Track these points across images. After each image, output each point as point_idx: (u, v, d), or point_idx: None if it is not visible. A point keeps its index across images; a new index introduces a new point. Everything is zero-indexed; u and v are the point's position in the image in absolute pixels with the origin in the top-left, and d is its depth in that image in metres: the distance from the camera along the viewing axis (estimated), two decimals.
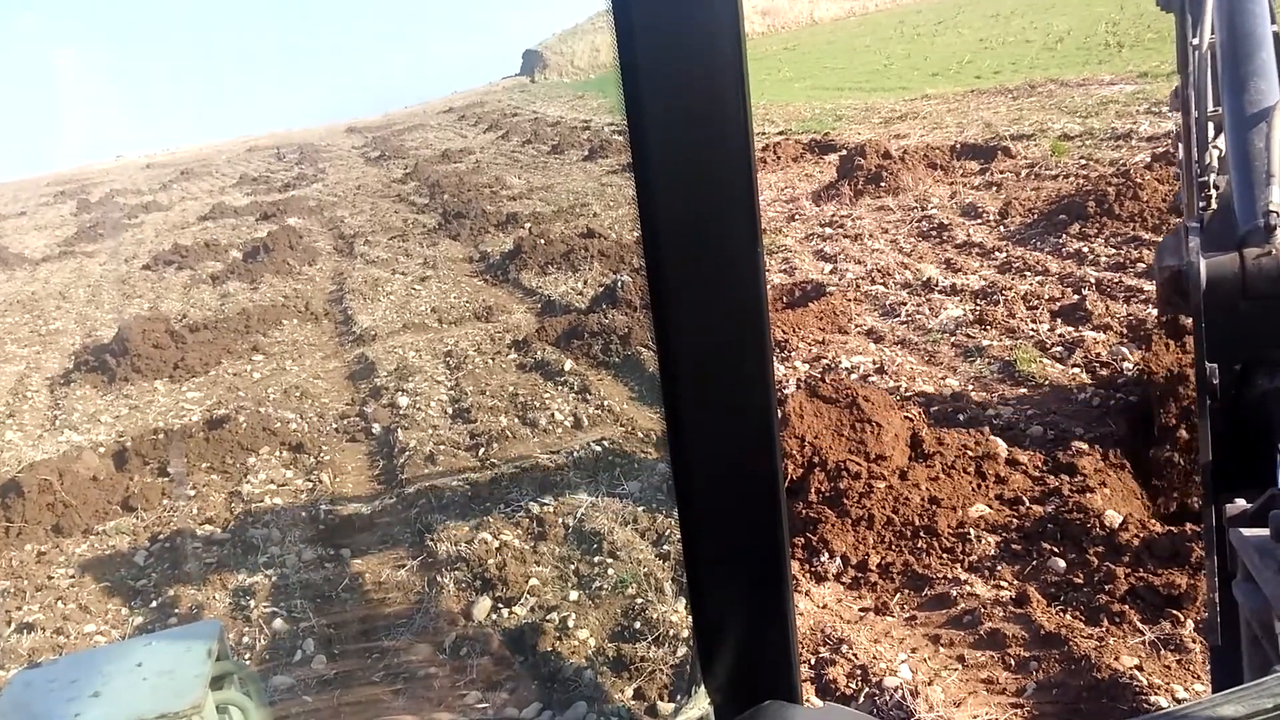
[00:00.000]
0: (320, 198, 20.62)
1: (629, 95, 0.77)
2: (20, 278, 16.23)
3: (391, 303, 10.88)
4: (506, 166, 20.64)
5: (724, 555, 0.91)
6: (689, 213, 0.81)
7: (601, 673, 4.11)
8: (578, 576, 4.83)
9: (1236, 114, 2.10)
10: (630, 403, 6.89)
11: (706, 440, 0.88)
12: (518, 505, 5.60)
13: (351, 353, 9.27)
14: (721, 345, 0.84)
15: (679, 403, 0.85)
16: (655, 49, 0.77)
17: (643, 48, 0.76)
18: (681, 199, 0.80)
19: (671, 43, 0.77)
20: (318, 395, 8.16)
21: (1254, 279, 1.82)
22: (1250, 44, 2.19)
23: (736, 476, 0.89)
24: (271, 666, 4.52)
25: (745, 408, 0.87)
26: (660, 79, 0.77)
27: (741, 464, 0.88)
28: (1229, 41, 2.21)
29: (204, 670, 1.73)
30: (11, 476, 6.70)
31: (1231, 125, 2.10)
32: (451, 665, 4.30)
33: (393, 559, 5.39)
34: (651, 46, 0.77)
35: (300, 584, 5.18)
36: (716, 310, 0.83)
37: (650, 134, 0.78)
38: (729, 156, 0.79)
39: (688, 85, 0.78)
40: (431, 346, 9.03)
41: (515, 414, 7.00)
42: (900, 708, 3.52)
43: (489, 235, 13.62)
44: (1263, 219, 1.87)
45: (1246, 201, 1.96)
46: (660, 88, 0.78)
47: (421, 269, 12.31)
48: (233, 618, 4.94)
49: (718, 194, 0.81)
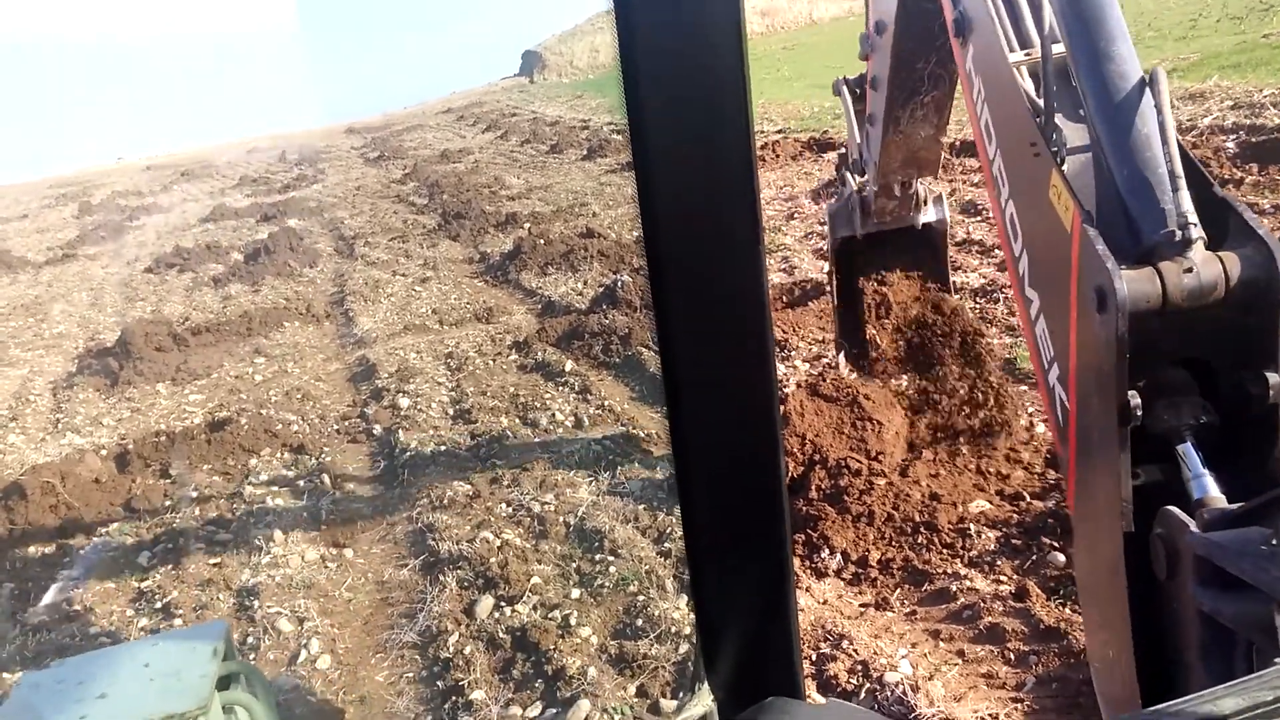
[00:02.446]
0: (320, 199, 20.62)
1: (629, 95, 0.77)
2: (23, 280, 16.23)
3: (392, 304, 10.89)
4: (506, 166, 20.62)
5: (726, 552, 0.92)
6: (690, 212, 0.81)
7: (604, 670, 4.11)
8: (580, 574, 4.84)
9: (1109, 114, 1.87)
10: (631, 402, 6.90)
11: (709, 438, 0.88)
12: (519, 504, 5.61)
13: (352, 354, 9.27)
14: (723, 344, 0.85)
15: (681, 401, 0.86)
16: (655, 49, 0.77)
17: (643, 48, 0.77)
18: (682, 198, 0.81)
19: (671, 43, 0.77)
20: (319, 397, 8.17)
21: (1174, 297, 1.67)
22: (1107, 30, 1.93)
23: (739, 474, 0.89)
24: (276, 667, 4.53)
25: (747, 406, 0.87)
26: (660, 79, 0.78)
27: (743, 462, 0.89)
28: (1081, 32, 1.94)
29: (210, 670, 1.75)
30: (14, 479, 6.71)
31: (1110, 127, 1.87)
32: (454, 664, 4.31)
33: (395, 558, 5.39)
34: (652, 46, 0.77)
35: (303, 583, 5.19)
36: (718, 309, 0.84)
37: (651, 133, 0.79)
38: (729, 155, 0.80)
39: (688, 85, 0.78)
40: (432, 348, 9.03)
41: (516, 414, 7.00)
42: (901, 703, 3.53)
43: (489, 236, 13.61)
44: (1179, 231, 1.73)
45: (1150, 209, 1.78)
46: (660, 87, 0.78)
47: (422, 270, 12.31)
48: (238, 618, 4.94)
49: (718, 193, 0.81)
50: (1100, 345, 1.70)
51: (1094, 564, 1.90)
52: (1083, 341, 1.80)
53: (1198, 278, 1.70)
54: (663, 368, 0.84)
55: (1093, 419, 1.80)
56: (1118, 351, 1.66)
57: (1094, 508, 1.85)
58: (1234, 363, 1.77)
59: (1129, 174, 1.83)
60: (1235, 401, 1.77)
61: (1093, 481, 1.84)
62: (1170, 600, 1.66)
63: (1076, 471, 1.94)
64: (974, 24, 2.36)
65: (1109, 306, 1.65)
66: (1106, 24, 1.93)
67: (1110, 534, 1.75)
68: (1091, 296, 1.69)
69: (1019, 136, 2.08)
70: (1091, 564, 1.92)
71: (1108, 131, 1.87)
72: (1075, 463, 1.94)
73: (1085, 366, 1.81)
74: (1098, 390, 1.75)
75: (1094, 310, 1.70)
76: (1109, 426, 1.71)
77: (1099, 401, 1.75)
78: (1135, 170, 1.82)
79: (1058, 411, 1.97)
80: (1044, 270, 2.02)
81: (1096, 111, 1.90)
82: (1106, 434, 1.73)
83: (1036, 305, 2.05)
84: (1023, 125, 2.05)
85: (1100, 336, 1.69)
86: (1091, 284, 1.70)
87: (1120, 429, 1.69)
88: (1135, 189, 1.81)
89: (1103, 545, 1.80)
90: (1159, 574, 1.67)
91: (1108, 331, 1.67)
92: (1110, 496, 1.73)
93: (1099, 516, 1.82)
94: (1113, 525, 1.74)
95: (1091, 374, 1.78)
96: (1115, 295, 1.63)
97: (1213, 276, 1.71)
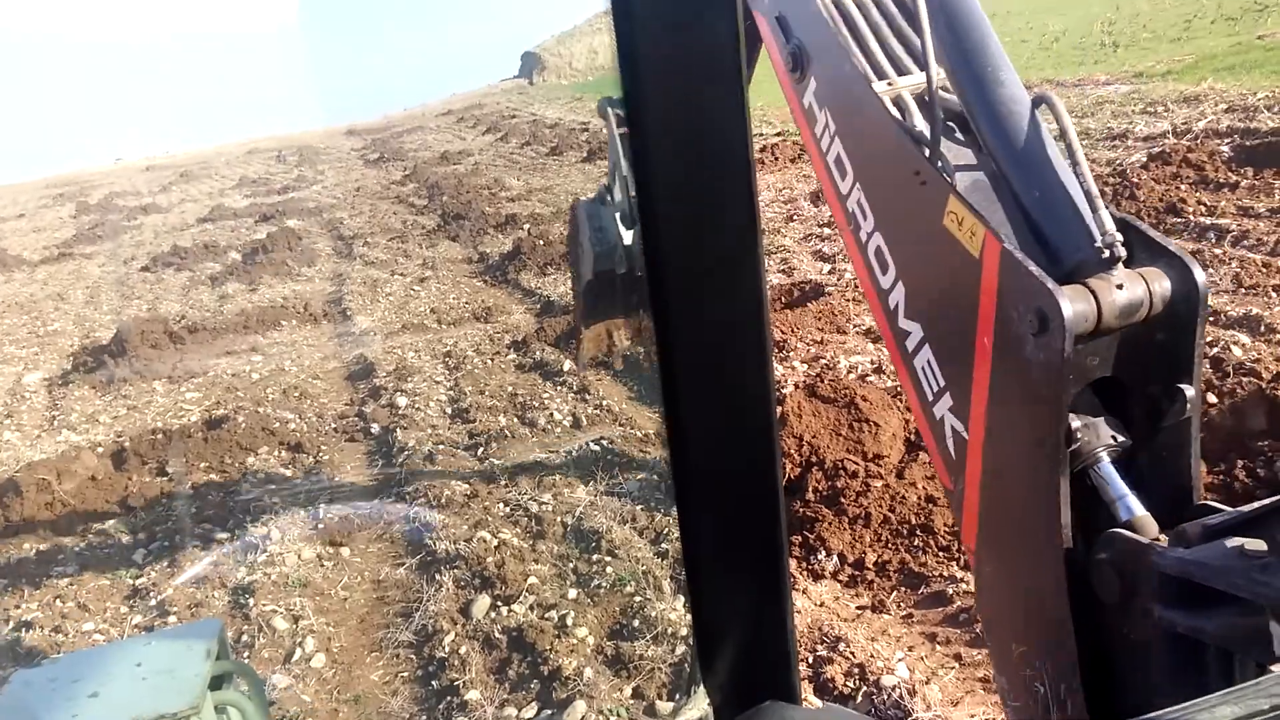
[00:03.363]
0: (319, 199, 20.60)
1: (629, 96, 0.77)
2: (19, 279, 16.21)
3: (390, 303, 10.88)
4: (505, 168, 20.63)
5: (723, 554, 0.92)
6: (688, 213, 0.81)
7: (600, 671, 4.11)
8: (576, 575, 4.83)
9: (1012, 138, 1.84)
10: (629, 402, 6.90)
11: (706, 439, 0.88)
12: (516, 504, 5.61)
13: (350, 353, 9.26)
14: (721, 345, 0.85)
15: (678, 402, 0.86)
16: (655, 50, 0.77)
17: (642, 48, 0.77)
18: (681, 199, 0.81)
19: (671, 43, 0.77)
20: (316, 395, 8.16)
21: (1107, 315, 1.65)
22: (992, 57, 1.93)
23: (735, 475, 0.89)
24: (271, 664, 4.52)
25: (744, 407, 0.87)
26: (660, 80, 0.78)
27: (740, 463, 0.89)
28: (967, 59, 1.92)
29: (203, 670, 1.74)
30: (10, 476, 6.69)
31: (1013, 151, 1.84)
32: (450, 663, 4.30)
33: (391, 557, 5.39)
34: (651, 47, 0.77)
35: (299, 582, 5.18)
36: (716, 310, 0.83)
37: (649, 135, 0.79)
38: (728, 157, 0.80)
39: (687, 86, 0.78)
40: (430, 347, 9.03)
41: (514, 414, 7.00)
42: (898, 707, 3.53)
43: (488, 236, 13.62)
44: (1106, 249, 1.71)
45: (1069, 228, 1.76)
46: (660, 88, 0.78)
47: (420, 270, 12.31)
48: (232, 616, 4.94)
49: (717, 194, 0.81)
50: (1037, 369, 1.64)
51: (1016, 595, 1.85)
52: (1006, 369, 1.72)
53: (1128, 294, 1.68)
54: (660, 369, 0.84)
55: (1019, 446, 1.74)
56: (1061, 374, 1.61)
57: (1016, 536, 1.80)
58: (1146, 379, 1.75)
59: (1041, 195, 1.80)
60: (1147, 418, 1.75)
61: (1012, 510, 1.79)
62: (1123, 624, 1.64)
63: (981, 504, 1.87)
64: (815, 56, 2.30)
65: (1052, 328, 1.59)
66: (990, 50, 1.92)
67: (1048, 561, 1.70)
68: (1027, 319, 1.62)
69: (893, 166, 2.03)
70: (1012, 596, 1.87)
71: (1011, 155, 1.84)
72: (979, 496, 1.87)
73: (1006, 396, 1.74)
74: (1029, 417, 1.69)
75: (1027, 334, 1.64)
76: (1047, 451, 1.66)
77: (1031, 427, 1.69)
78: (1047, 191, 1.80)
79: (949, 444, 1.90)
80: (929, 301, 1.95)
81: (996, 136, 1.87)
82: (1040, 459, 1.68)
83: (917, 337, 1.99)
84: (899, 154, 1.99)
85: (1038, 360, 1.63)
86: (1026, 306, 1.63)
87: (1061, 452, 1.64)
88: (1049, 210, 1.79)
89: (1035, 574, 1.75)
90: (1106, 599, 1.65)
91: (1049, 354, 1.61)
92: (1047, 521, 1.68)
93: (1026, 545, 1.77)
94: (1051, 551, 1.69)
95: (1016, 402, 1.72)
96: (1060, 315, 1.58)
97: (1140, 293, 1.69)
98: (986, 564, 1.91)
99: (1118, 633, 1.65)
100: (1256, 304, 6.68)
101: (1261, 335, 6.12)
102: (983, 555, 1.92)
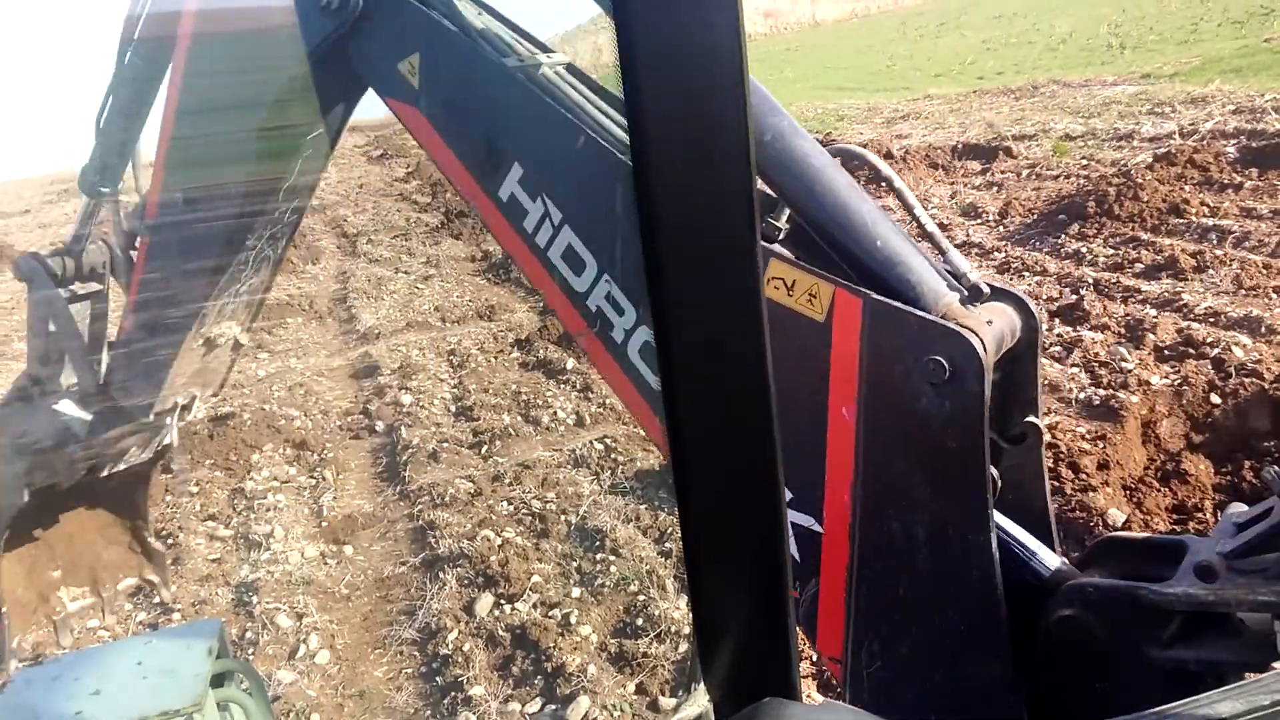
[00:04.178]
0: (323, 196, 20.61)
1: (629, 95, 0.77)
2: None
3: (395, 301, 10.89)
4: None
5: (724, 552, 0.92)
6: (689, 212, 0.81)
7: (604, 668, 4.12)
8: (580, 573, 4.84)
9: (835, 196, 1.79)
10: None
11: (707, 437, 0.88)
12: (520, 502, 5.61)
13: (355, 351, 9.28)
14: (721, 343, 0.85)
15: (679, 400, 0.86)
16: (655, 49, 0.77)
17: (643, 48, 0.77)
18: (681, 198, 0.81)
19: (671, 43, 0.77)
20: (321, 393, 8.17)
21: (990, 353, 1.63)
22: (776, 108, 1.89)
23: (736, 474, 0.89)
24: (275, 661, 4.53)
25: (745, 405, 0.87)
26: (660, 79, 0.78)
27: (742, 461, 0.89)
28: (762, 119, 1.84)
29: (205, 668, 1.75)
30: None
31: (840, 209, 1.78)
32: (454, 660, 4.31)
33: (395, 555, 5.40)
34: (651, 46, 0.77)
35: (304, 580, 5.19)
36: (716, 308, 0.83)
37: (650, 133, 0.79)
38: (729, 156, 0.80)
39: (688, 85, 0.78)
40: (434, 345, 9.04)
41: (518, 412, 7.00)
42: None
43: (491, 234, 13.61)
44: (968, 289, 1.71)
45: (924, 273, 1.73)
46: (660, 88, 0.78)
47: (424, 268, 12.32)
48: (235, 614, 4.95)
49: (717, 193, 0.81)
50: (941, 421, 1.56)
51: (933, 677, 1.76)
52: (889, 432, 1.63)
53: (997, 328, 1.68)
54: (660, 367, 0.84)
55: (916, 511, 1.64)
56: (981, 419, 1.54)
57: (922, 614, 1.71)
58: (997, 414, 1.74)
59: (883, 245, 1.74)
60: (996, 451, 1.70)
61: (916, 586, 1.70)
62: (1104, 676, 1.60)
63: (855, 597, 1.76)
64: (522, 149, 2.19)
65: (965, 372, 1.53)
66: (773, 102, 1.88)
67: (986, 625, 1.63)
68: (924, 370, 1.55)
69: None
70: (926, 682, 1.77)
71: (839, 213, 1.78)
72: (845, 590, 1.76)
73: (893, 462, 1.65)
74: (938, 475, 1.60)
75: (923, 386, 1.56)
76: (973, 507, 1.59)
77: (943, 486, 1.61)
78: (888, 242, 1.74)
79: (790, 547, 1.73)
80: None
81: (815, 197, 1.79)
82: (965, 515, 1.60)
83: None
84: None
85: (943, 412, 1.55)
86: (917, 357, 1.56)
87: (990, 504, 1.59)
88: (898, 259, 1.73)
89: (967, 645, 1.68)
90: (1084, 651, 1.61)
91: (962, 400, 1.54)
92: (981, 580, 1.61)
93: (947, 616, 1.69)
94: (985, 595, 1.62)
95: (913, 464, 1.62)
96: (976, 358, 1.52)
97: (1003, 327, 1.70)
98: (877, 658, 1.81)
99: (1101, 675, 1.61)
100: (1257, 305, 6.67)
101: (1262, 336, 6.11)
102: (869, 652, 1.81)
